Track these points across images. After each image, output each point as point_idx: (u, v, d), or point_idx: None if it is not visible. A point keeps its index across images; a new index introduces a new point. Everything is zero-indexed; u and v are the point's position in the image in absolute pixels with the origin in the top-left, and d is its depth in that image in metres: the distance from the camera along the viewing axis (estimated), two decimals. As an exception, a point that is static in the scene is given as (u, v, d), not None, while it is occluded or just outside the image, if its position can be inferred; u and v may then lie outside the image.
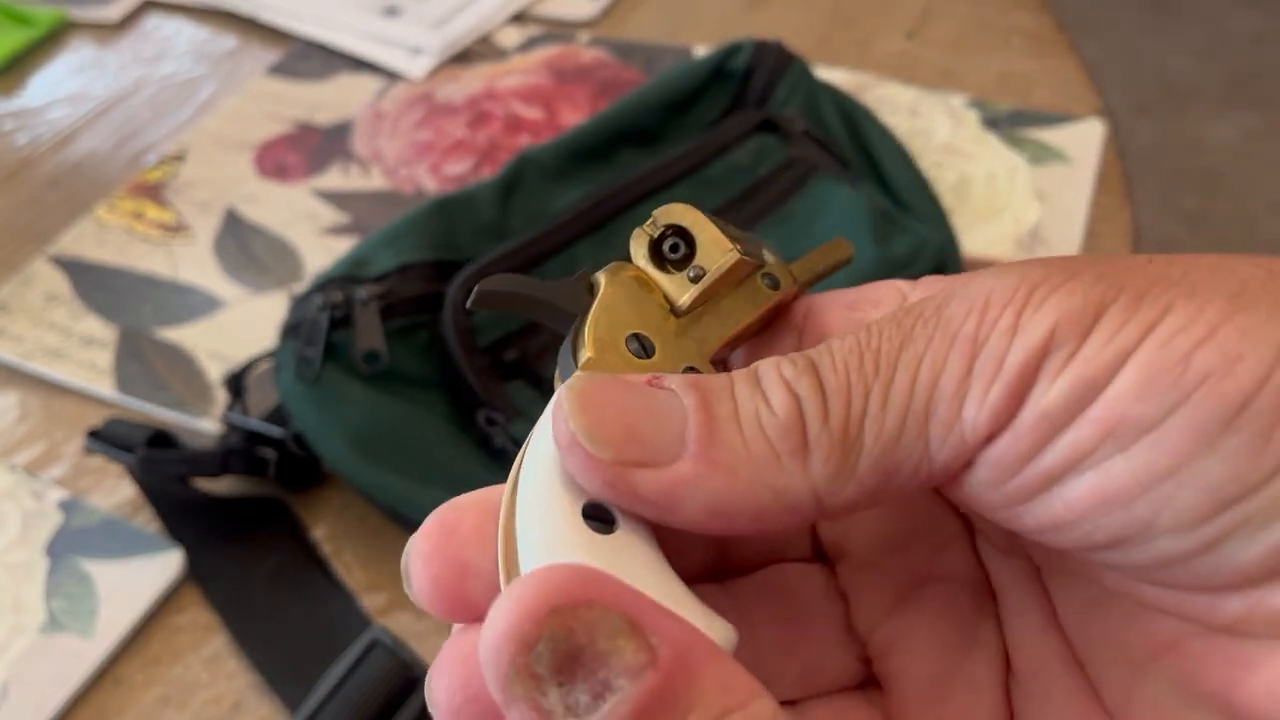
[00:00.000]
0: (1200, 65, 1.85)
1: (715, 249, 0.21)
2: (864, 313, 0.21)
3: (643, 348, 0.20)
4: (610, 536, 0.17)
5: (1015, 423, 0.16)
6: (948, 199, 0.56)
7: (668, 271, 0.21)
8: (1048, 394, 0.16)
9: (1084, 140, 0.59)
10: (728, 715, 0.14)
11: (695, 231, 0.21)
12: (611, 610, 0.14)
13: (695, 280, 0.21)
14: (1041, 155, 0.58)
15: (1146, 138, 1.72)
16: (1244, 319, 0.16)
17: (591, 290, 0.21)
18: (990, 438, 0.17)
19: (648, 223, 0.21)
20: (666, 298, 0.21)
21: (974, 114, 0.61)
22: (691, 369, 0.20)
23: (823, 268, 0.23)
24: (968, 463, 0.17)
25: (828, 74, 0.63)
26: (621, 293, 0.20)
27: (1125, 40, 1.89)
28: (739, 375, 0.18)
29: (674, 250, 0.21)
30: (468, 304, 0.20)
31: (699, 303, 0.21)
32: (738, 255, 0.21)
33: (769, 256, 0.23)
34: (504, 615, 0.14)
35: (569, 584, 0.15)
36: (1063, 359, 0.16)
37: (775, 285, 0.22)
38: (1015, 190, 0.56)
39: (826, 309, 0.22)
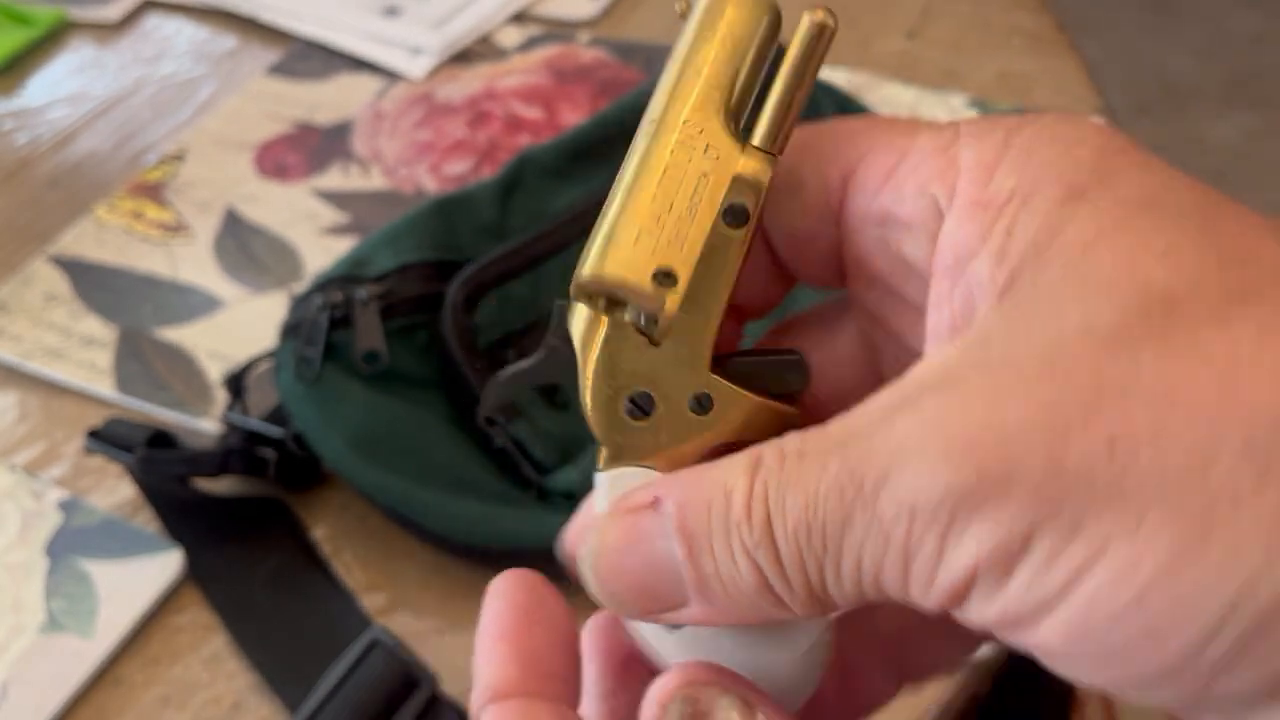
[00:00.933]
0: (1200, 65, 1.85)
1: (646, 303, 0.18)
2: (898, 236, 0.19)
3: (641, 409, 0.19)
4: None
5: (964, 612, 0.16)
6: (948, 199, 0.56)
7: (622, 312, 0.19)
8: (985, 614, 0.16)
9: (1084, 140, 0.59)
10: None
11: (621, 296, 0.19)
12: (728, 691, 0.18)
13: (643, 327, 0.19)
14: (1041, 155, 0.58)
15: (1146, 138, 1.71)
16: (1194, 573, 0.14)
17: (570, 344, 0.19)
18: (949, 612, 0.17)
19: (574, 290, 0.19)
20: (638, 329, 0.19)
21: (974, 114, 0.61)
22: (700, 395, 0.19)
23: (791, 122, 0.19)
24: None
25: (828, 74, 0.63)
26: (600, 348, 0.19)
27: (1125, 40, 1.89)
28: (717, 521, 0.18)
29: (615, 299, 0.19)
30: (482, 414, 0.20)
31: (669, 330, 0.19)
32: (668, 312, 0.18)
33: (710, 160, 0.19)
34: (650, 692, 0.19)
35: (699, 673, 0.19)
36: (987, 593, 0.16)
37: (742, 218, 0.19)
38: (1015, 190, 0.56)
39: (861, 222, 0.19)
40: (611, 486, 0.20)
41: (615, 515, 0.19)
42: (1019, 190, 0.17)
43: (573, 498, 0.41)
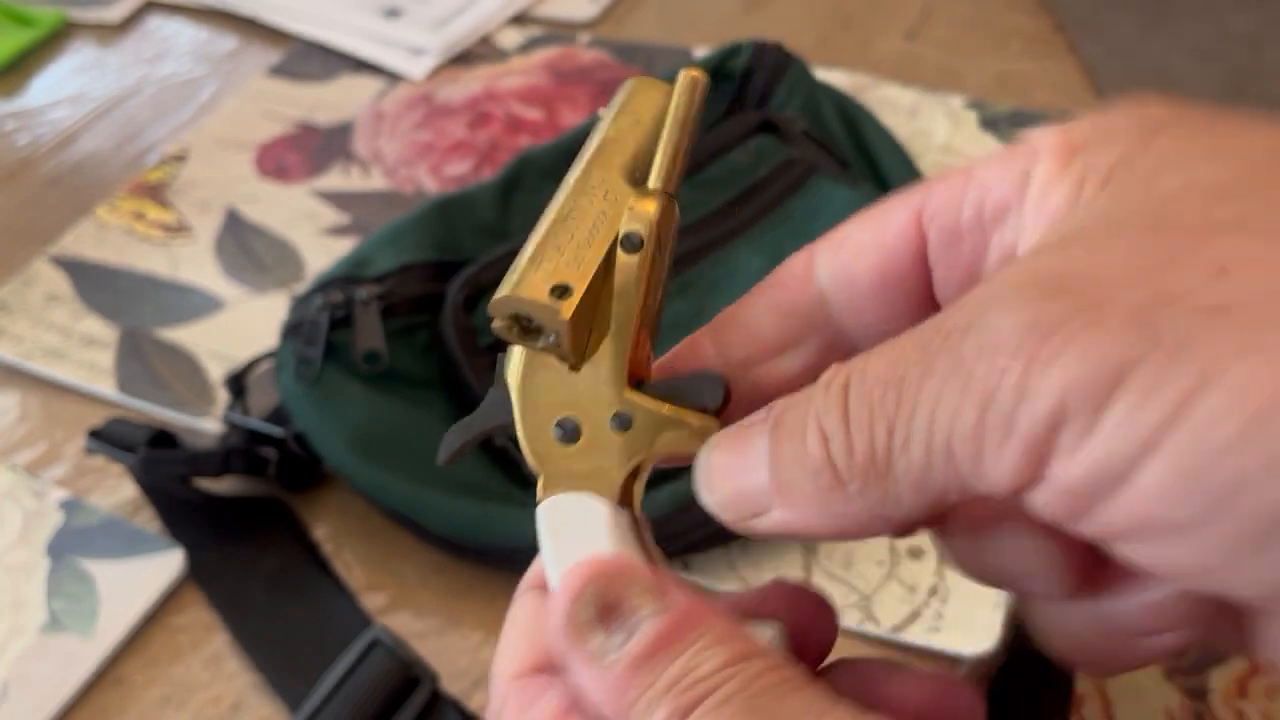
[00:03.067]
0: (1200, 65, 1.85)
1: (545, 315, 0.20)
2: (998, 235, 0.19)
3: (569, 435, 0.21)
4: None
5: (1041, 486, 0.15)
6: (947, 199, 0.56)
7: (540, 344, 0.21)
8: (1067, 472, 0.14)
9: (1083, 141, 0.59)
10: (718, 644, 0.17)
11: (523, 311, 0.20)
12: (638, 579, 0.19)
13: (556, 348, 0.20)
14: (1041, 156, 0.58)
15: (1146, 138, 1.72)
16: None
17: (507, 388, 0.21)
18: (1018, 491, 0.15)
19: (493, 324, 0.21)
20: (556, 356, 0.21)
21: (973, 115, 0.61)
22: (620, 414, 0.20)
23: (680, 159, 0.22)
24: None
25: (827, 75, 0.63)
26: (529, 383, 0.21)
27: (1125, 40, 1.89)
28: (798, 405, 0.18)
29: (528, 326, 0.20)
30: (440, 460, 0.22)
31: (580, 347, 0.20)
32: (563, 318, 0.20)
33: (596, 205, 0.21)
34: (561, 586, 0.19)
35: (607, 563, 0.19)
36: (1076, 435, 0.14)
37: (637, 245, 0.20)
38: (1015, 191, 0.56)
39: (951, 232, 0.20)
40: (550, 515, 0.21)
41: (730, 430, 0.19)
42: (1092, 137, 0.18)
43: (573, 497, 0.41)
